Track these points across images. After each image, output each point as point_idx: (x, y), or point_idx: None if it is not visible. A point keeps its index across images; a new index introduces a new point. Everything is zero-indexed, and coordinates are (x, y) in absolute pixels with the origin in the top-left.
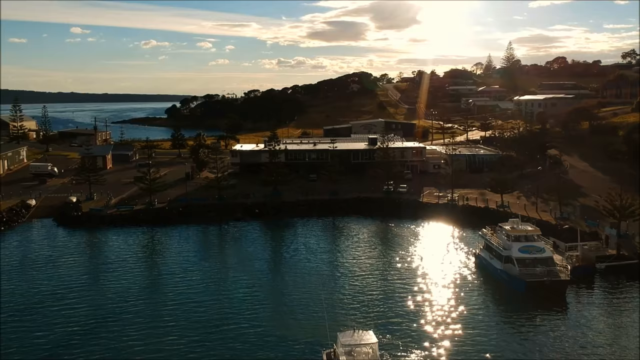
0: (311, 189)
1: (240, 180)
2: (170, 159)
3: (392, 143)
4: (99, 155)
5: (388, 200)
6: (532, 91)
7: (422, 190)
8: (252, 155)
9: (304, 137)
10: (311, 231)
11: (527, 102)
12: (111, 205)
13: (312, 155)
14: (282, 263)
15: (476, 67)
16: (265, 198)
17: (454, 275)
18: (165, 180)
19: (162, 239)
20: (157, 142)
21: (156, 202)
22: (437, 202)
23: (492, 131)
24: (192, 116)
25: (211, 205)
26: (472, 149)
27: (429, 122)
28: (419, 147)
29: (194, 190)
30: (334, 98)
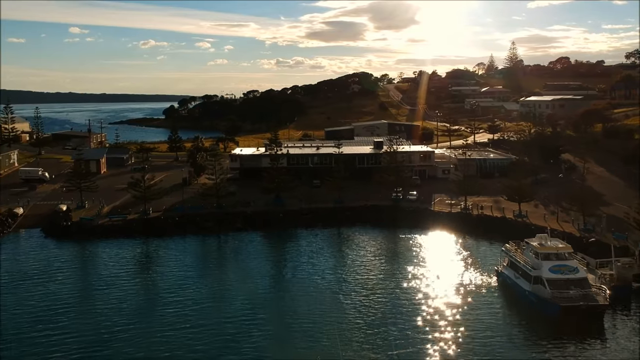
0: (315, 195)
1: (239, 186)
2: (167, 162)
3: (399, 147)
4: (92, 159)
5: (397, 209)
6: (537, 92)
7: (432, 197)
8: (253, 159)
9: (305, 140)
10: (316, 243)
11: (534, 103)
12: (103, 214)
13: (315, 160)
14: (286, 280)
15: (478, 67)
16: (266, 206)
17: (474, 294)
18: (160, 187)
19: (157, 252)
20: (154, 145)
21: (151, 211)
22: (449, 211)
23: (500, 133)
24: (190, 117)
25: (209, 214)
26: (481, 152)
27: (433, 123)
28: (427, 151)
29: (191, 198)
30: (334, 99)
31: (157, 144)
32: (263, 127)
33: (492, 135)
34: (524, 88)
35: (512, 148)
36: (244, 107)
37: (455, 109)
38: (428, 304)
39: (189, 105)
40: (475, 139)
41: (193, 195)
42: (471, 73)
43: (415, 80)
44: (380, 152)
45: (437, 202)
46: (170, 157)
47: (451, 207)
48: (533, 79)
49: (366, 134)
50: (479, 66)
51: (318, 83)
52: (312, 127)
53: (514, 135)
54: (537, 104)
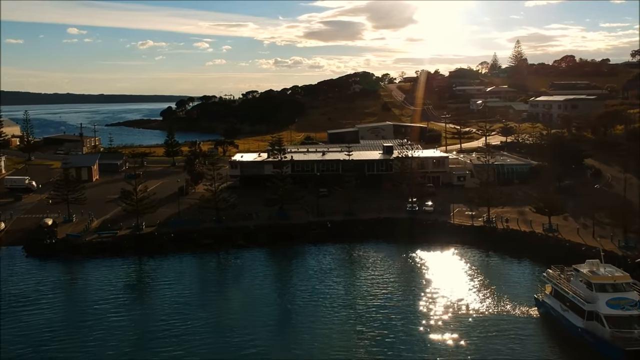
0: (323, 206)
1: (240, 195)
2: (163, 168)
3: (411, 151)
4: (83, 166)
5: (413, 222)
6: (543, 91)
7: (450, 208)
8: (254, 166)
9: (308, 144)
10: (326, 262)
11: (544, 103)
12: (92, 230)
13: (321, 167)
14: (296, 308)
15: (481, 66)
16: (270, 220)
17: (511, 326)
18: (155, 197)
19: (150, 274)
20: (150, 149)
21: (144, 226)
22: (471, 224)
23: (514, 136)
24: (188, 118)
25: (207, 229)
26: (496, 157)
27: (439, 124)
28: (441, 156)
29: (188, 209)
30: (335, 99)
31: (153, 148)
32: (263, 129)
33: (505, 138)
34: (529, 87)
35: (528, 152)
36: (243, 108)
37: (460, 110)
38: (458, 336)
39: (186, 106)
40: (486, 142)
41: (190, 206)
42: (474, 72)
43: (418, 80)
44: (391, 158)
45: (456, 213)
46: (167, 162)
47: (472, 220)
48: (538, 78)
49: (371, 137)
50: (482, 65)
51: (318, 83)
52: (313, 128)
53: (529, 138)
54: (548, 105)
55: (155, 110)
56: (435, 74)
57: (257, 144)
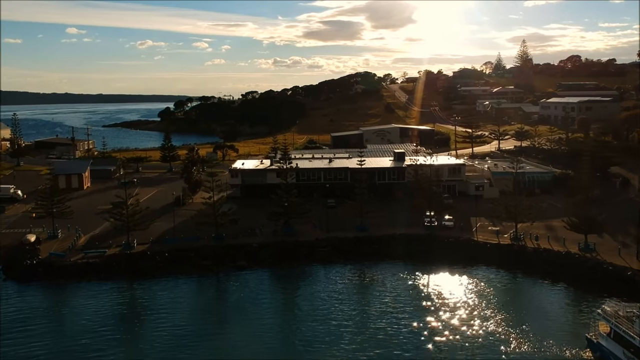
0: (331, 219)
1: (240, 205)
2: (159, 174)
3: (424, 158)
4: (73, 173)
5: (432, 240)
6: (551, 92)
7: (470, 222)
8: (256, 175)
9: (312, 148)
10: (337, 286)
11: (556, 105)
12: (78, 247)
13: (328, 175)
14: (301, 342)
15: (485, 66)
16: (274, 236)
17: None
18: (149, 210)
19: (141, 300)
20: (146, 152)
21: (135, 244)
22: (497, 242)
23: (530, 140)
24: (187, 119)
25: (206, 248)
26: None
27: (446, 126)
28: (457, 164)
29: (184, 223)
30: (337, 100)
31: (149, 152)
32: (263, 130)
33: (520, 142)
34: (536, 88)
35: (547, 158)
36: (243, 108)
37: (466, 111)
38: None
39: (185, 107)
40: (500, 146)
41: (187, 219)
42: (479, 72)
43: (421, 81)
44: (404, 166)
45: (478, 228)
46: (164, 167)
47: (498, 237)
48: (544, 79)
49: (376, 140)
50: (485, 65)
51: (319, 83)
52: (314, 130)
53: (546, 142)
54: (561, 106)
55: (154, 111)
56: (438, 74)
57: (257, 147)
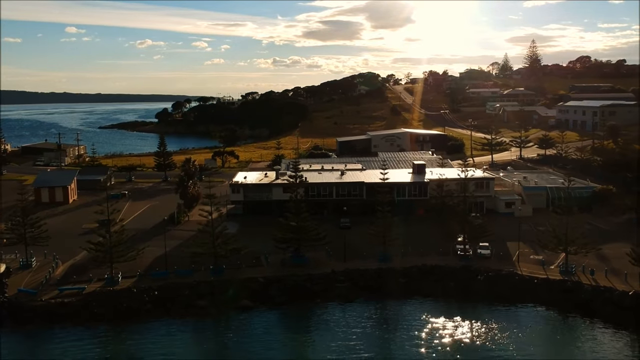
0: (349, 245)
1: (243, 224)
2: (153, 184)
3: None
4: (57, 185)
5: (468, 272)
6: (564, 94)
7: (507, 248)
8: (260, 190)
9: (319, 156)
10: (360, 331)
11: (575, 109)
12: (53, 281)
13: (341, 191)
14: None
15: (492, 67)
16: (283, 267)
17: None
18: (138, 232)
19: (126, 354)
20: (141, 159)
21: (120, 277)
22: (546, 277)
23: (556, 148)
24: (185, 121)
25: (202, 284)
26: (541, 175)
27: (457, 130)
28: (485, 177)
29: (178, 248)
30: (340, 101)
31: (144, 157)
32: (264, 133)
33: (544, 151)
34: (547, 90)
35: (577, 169)
36: (243, 110)
37: (475, 114)
38: None
39: (183, 108)
40: (521, 154)
41: (182, 242)
42: (486, 73)
43: (427, 81)
44: (426, 181)
45: (519, 256)
46: (158, 176)
47: (545, 269)
48: (555, 80)
49: (386, 146)
50: (492, 66)
51: (321, 84)
52: (318, 133)
53: (576, 152)
54: (581, 110)
55: (152, 111)
56: (443, 75)
57: (259, 152)
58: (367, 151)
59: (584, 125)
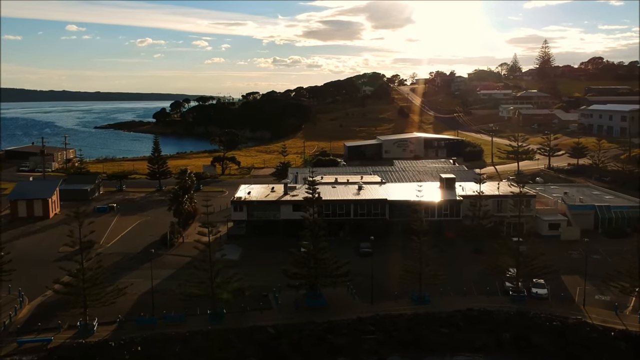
0: (375, 279)
1: (247, 247)
2: (145, 194)
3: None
4: (35, 198)
5: (524, 320)
6: (580, 97)
7: (563, 283)
8: (267, 208)
9: (328, 164)
10: None
11: (601, 113)
12: (14, 328)
13: (360, 209)
14: None
15: (501, 67)
16: (296, 310)
17: None
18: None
19: None
20: (134, 163)
21: (96, 325)
22: (624, 327)
23: (590, 157)
24: (184, 122)
25: (197, 335)
26: (581, 189)
27: (470, 135)
28: (526, 195)
29: (170, 280)
30: (344, 102)
31: (138, 162)
32: (266, 136)
33: (576, 160)
34: (562, 92)
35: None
36: (243, 111)
37: (488, 117)
38: None
39: (182, 108)
40: (550, 163)
41: (176, 272)
42: (496, 74)
43: (434, 82)
44: (459, 199)
45: (581, 295)
46: (152, 185)
47: (618, 315)
48: (568, 82)
49: (397, 151)
50: (502, 67)
51: (324, 84)
52: (323, 136)
53: (616, 162)
54: (607, 115)
55: (151, 110)
56: (451, 75)
57: (261, 156)
58: (378, 157)
59: (610, 131)
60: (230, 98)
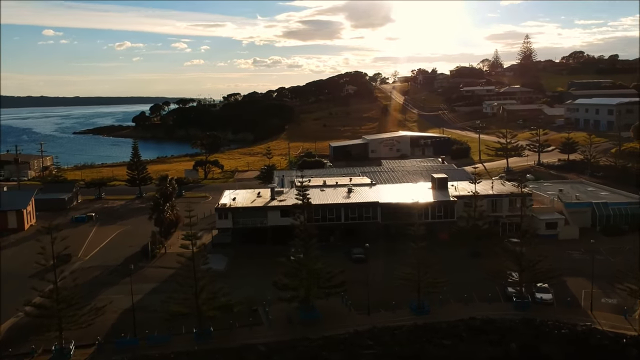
0: (371, 287)
1: (233, 256)
2: (125, 202)
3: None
4: (9, 209)
5: (530, 328)
6: (563, 92)
7: (568, 287)
8: (254, 214)
9: (314, 165)
10: None
11: (587, 107)
12: None
13: (351, 213)
14: None
15: (482, 64)
16: (289, 325)
17: None
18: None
19: None
20: (113, 169)
21: (72, 348)
22: (636, 333)
23: (582, 153)
24: (164, 125)
25: (183, 355)
26: (575, 186)
27: (456, 133)
28: (523, 194)
29: (153, 294)
30: (327, 102)
31: (118, 167)
32: (248, 137)
33: (567, 156)
34: (545, 87)
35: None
36: (225, 112)
37: (472, 113)
38: None
39: (161, 111)
40: (540, 159)
41: (158, 285)
42: (479, 71)
43: (417, 80)
44: (453, 199)
45: (587, 299)
46: (132, 191)
47: (629, 320)
48: (551, 77)
49: (384, 151)
50: (483, 63)
51: (307, 84)
52: (306, 137)
53: (608, 157)
54: (594, 109)
55: (130, 114)
56: (433, 73)
57: (245, 159)
58: (364, 157)
59: (597, 125)
60: (211, 100)
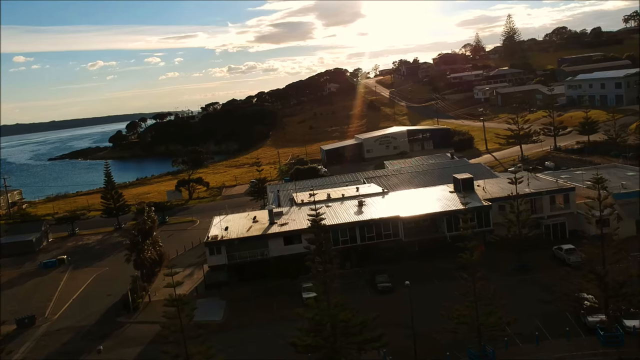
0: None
1: (230, 301)
2: (102, 236)
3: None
4: None
5: None
6: (555, 69)
7: None
8: (252, 245)
9: (310, 174)
10: None
11: (590, 82)
12: None
13: (368, 232)
14: None
15: (465, 49)
16: None
17: None
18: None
19: None
20: (89, 198)
21: None
22: None
23: (606, 133)
24: (142, 142)
25: None
26: (610, 171)
27: (454, 122)
28: (564, 189)
29: (138, 357)
30: (310, 103)
31: (93, 195)
32: (232, 147)
33: (587, 137)
34: (535, 66)
35: None
36: (205, 124)
37: (464, 101)
38: None
39: (138, 128)
40: (556, 144)
41: (144, 348)
42: (463, 56)
43: (399, 71)
44: (488, 204)
45: None
46: (110, 223)
47: None
48: (538, 55)
49: (381, 149)
50: (465, 48)
51: (287, 86)
52: (293, 141)
53: (638, 136)
54: (598, 83)
55: (107, 134)
56: (415, 63)
57: (231, 172)
58: (360, 158)
59: (604, 100)
60: (189, 112)
